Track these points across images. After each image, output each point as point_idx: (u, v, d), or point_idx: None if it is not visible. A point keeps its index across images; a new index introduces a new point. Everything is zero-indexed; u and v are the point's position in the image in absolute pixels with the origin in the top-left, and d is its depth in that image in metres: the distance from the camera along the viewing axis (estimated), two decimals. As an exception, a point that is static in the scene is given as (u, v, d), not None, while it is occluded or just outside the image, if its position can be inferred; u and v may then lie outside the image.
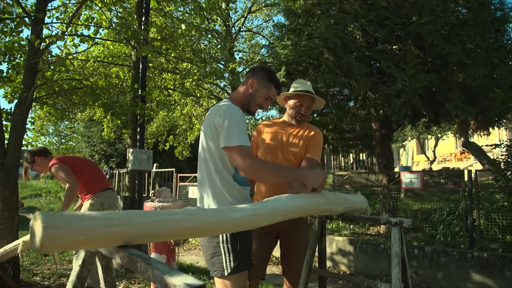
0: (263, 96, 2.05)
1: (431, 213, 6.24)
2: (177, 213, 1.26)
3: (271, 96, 2.07)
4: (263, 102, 2.06)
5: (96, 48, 6.63)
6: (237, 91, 2.10)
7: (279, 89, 2.10)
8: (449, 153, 24.57)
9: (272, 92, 2.07)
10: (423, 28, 5.54)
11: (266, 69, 2.10)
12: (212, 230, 1.37)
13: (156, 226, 1.16)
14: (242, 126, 1.85)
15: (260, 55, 10.44)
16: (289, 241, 2.45)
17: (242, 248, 1.84)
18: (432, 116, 7.17)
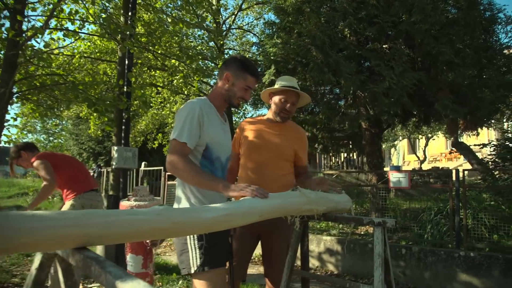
0: (241, 87, 1.97)
1: (419, 212, 6.22)
2: (141, 213, 1.18)
3: (250, 86, 1.98)
4: (243, 93, 1.98)
5: (82, 43, 6.50)
6: (216, 87, 2.04)
7: (256, 76, 2.01)
8: (439, 153, 24.72)
9: (249, 81, 1.98)
10: (413, 27, 5.51)
11: (238, 59, 2.02)
12: (180, 231, 1.29)
13: (116, 227, 1.08)
14: (186, 122, 1.82)
15: (251, 53, 10.37)
16: (270, 241, 2.38)
17: (209, 245, 1.80)
18: (422, 115, 7.17)
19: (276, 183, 2.33)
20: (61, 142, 13.93)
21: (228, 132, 2.09)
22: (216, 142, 1.93)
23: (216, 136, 1.93)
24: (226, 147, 2.04)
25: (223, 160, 2.00)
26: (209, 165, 1.92)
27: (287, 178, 2.43)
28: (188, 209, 1.35)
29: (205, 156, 1.92)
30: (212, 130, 1.90)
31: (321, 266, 5.30)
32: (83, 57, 6.49)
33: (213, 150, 1.93)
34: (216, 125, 1.94)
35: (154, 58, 6.35)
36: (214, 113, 1.97)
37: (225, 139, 2.02)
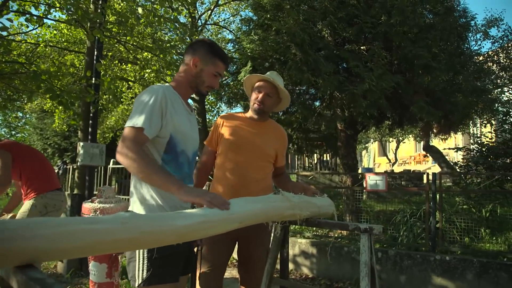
0: (210, 74, 1.78)
1: (393, 215, 6.23)
2: (102, 221, 0.99)
3: (220, 72, 1.80)
4: (212, 81, 1.80)
5: (47, 31, 6.12)
6: (179, 73, 1.83)
7: (226, 63, 1.84)
8: (408, 156, 25.34)
9: (219, 67, 1.80)
10: (392, 29, 5.48)
11: (207, 42, 1.83)
12: (150, 241, 1.11)
13: (70, 239, 0.89)
14: (146, 108, 1.58)
15: (227, 50, 10.16)
16: (248, 248, 2.22)
17: (160, 255, 1.54)
18: (397, 118, 7.20)
19: (256, 185, 2.17)
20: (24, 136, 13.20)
21: (195, 123, 1.89)
22: (181, 132, 1.71)
23: (181, 125, 1.70)
24: (193, 140, 1.82)
25: (189, 155, 1.78)
26: (173, 160, 1.69)
27: (267, 181, 2.29)
28: (159, 216, 1.16)
29: (168, 150, 1.68)
30: (177, 119, 1.68)
31: (296, 269, 5.18)
32: (49, 46, 6.11)
33: (178, 142, 1.70)
34: (181, 113, 1.73)
35: (126, 50, 6.06)
36: (179, 101, 1.76)
37: (191, 130, 1.80)
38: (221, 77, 1.84)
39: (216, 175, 2.27)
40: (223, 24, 12.91)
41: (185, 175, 1.75)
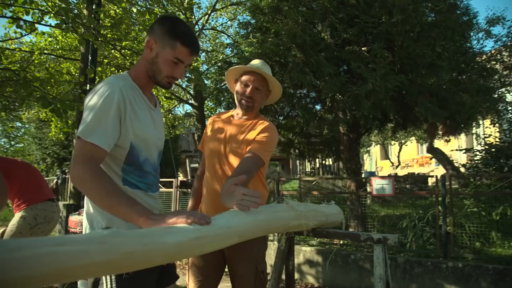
0: (168, 60, 1.40)
1: (399, 219, 6.04)
2: (75, 242, 0.82)
3: (181, 58, 1.40)
4: (171, 69, 1.42)
5: (42, 38, 5.99)
6: (139, 60, 1.51)
7: (190, 46, 1.41)
8: (411, 158, 25.12)
9: (180, 51, 1.40)
10: (393, 29, 5.34)
11: (168, 20, 1.45)
12: (134, 264, 0.93)
13: (36, 265, 0.73)
14: (99, 114, 1.30)
15: (225, 55, 10.06)
16: (234, 263, 1.92)
17: (131, 276, 1.28)
18: (400, 120, 7.04)
19: None
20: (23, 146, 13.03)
21: (159, 119, 1.58)
22: (143, 139, 1.43)
23: (143, 131, 1.42)
24: (157, 141, 1.53)
25: (154, 160, 1.52)
26: (136, 170, 1.43)
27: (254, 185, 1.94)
28: (146, 233, 0.98)
29: (129, 160, 1.41)
30: (138, 124, 1.39)
31: (301, 278, 4.99)
32: (44, 53, 5.98)
33: (141, 151, 1.43)
34: (143, 115, 1.43)
35: (122, 56, 5.92)
36: (140, 97, 1.45)
37: (154, 131, 1.51)
38: (185, 65, 1.44)
39: (204, 180, 2.06)
40: (220, 28, 12.82)
41: (151, 184, 1.51)
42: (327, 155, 10.24)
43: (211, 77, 9.72)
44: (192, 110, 11.16)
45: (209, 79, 10.04)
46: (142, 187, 1.45)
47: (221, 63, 8.63)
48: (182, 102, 11.42)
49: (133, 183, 1.43)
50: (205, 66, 11.19)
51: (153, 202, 1.51)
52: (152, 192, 1.51)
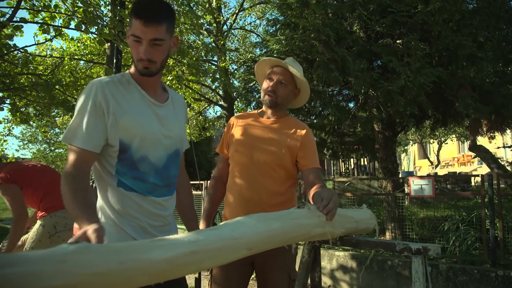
0: (130, 40, 1.27)
1: (440, 222, 5.67)
2: (28, 261, 0.66)
3: (135, 33, 1.24)
4: (136, 50, 1.27)
5: (71, 43, 6.07)
6: None
7: (140, 15, 1.23)
8: (451, 157, 24.03)
9: (134, 26, 1.24)
10: (430, 18, 4.99)
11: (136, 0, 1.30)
12: (109, 286, 0.77)
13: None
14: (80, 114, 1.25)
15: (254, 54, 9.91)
16: (266, 272, 1.82)
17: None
18: (440, 116, 6.62)
19: (272, 196, 1.79)
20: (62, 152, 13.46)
21: (170, 117, 1.44)
22: (136, 135, 1.31)
23: (135, 126, 1.30)
24: (162, 141, 1.39)
25: (155, 160, 1.37)
26: (130, 171, 1.32)
27: (286, 191, 1.85)
28: (123, 248, 0.82)
29: (122, 159, 1.30)
30: (127, 119, 1.29)
31: (334, 285, 4.73)
32: (73, 59, 6.06)
33: (134, 148, 1.31)
34: (136, 111, 1.32)
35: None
36: (136, 93, 1.35)
37: (158, 128, 1.38)
38: (142, 40, 1.25)
39: (228, 183, 1.93)
40: (249, 28, 12.70)
41: (152, 187, 1.37)
42: (361, 154, 9.87)
43: (240, 77, 9.63)
44: (222, 112, 11.10)
45: (237, 79, 9.94)
46: (139, 190, 1.33)
47: (249, 63, 8.50)
48: (211, 103, 11.39)
49: (128, 185, 1.32)
50: (234, 66, 11.11)
51: (154, 208, 1.37)
52: (156, 197, 1.37)
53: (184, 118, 1.58)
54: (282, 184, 1.82)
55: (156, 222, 1.38)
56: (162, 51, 1.31)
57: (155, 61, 1.30)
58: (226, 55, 8.36)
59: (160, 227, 1.40)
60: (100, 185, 1.35)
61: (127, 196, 1.31)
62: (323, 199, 1.35)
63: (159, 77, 1.41)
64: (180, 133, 1.49)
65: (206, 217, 1.94)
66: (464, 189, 9.52)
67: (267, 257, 1.70)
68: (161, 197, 1.39)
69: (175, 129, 1.46)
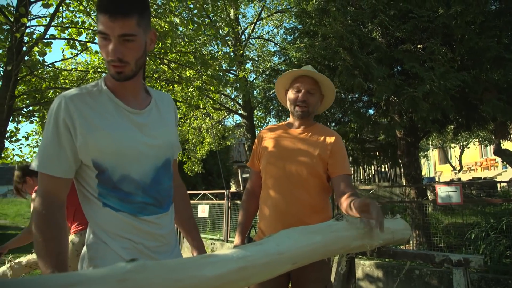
0: (99, 40, 1.13)
1: (466, 229, 5.52)
2: (90, 281, 0.68)
3: (102, 30, 1.08)
4: (105, 49, 1.11)
5: (95, 57, 6.22)
6: None
7: (104, 10, 1.07)
8: (474, 161, 23.47)
9: (100, 22, 1.09)
10: (452, 21, 4.92)
11: None
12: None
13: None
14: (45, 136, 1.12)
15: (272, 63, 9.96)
16: (302, 283, 1.81)
17: None
18: (463, 121, 6.50)
19: (307, 207, 1.79)
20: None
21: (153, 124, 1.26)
22: (110, 153, 1.14)
23: (110, 143, 1.14)
24: (146, 153, 1.21)
25: (139, 177, 1.19)
26: (112, 192, 1.17)
27: (321, 200, 1.85)
28: (178, 265, 0.82)
29: (101, 180, 1.16)
30: (97, 136, 1.12)
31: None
32: (98, 72, 6.19)
33: (111, 168, 1.15)
34: (108, 124, 1.15)
35: (170, 70, 5.99)
36: (107, 102, 1.18)
37: (138, 140, 1.20)
38: (110, 36, 1.09)
39: (261, 196, 1.94)
40: (267, 37, 12.79)
41: (142, 206, 1.20)
42: (382, 161, 9.76)
43: (259, 86, 9.67)
44: (242, 120, 11.15)
45: (257, 88, 9.99)
46: (128, 210, 1.18)
47: (268, 71, 8.54)
48: (231, 112, 11.48)
49: (114, 207, 1.18)
50: (253, 75, 11.19)
51: (147, 227, 1.21)
52: (148, 216, 1.21)
53: (173, 121, 1.40)
54: (316, 194, 1.83)
55: (152, 242, 1.22)
56: (135, 49, 1.13)
57: (127, 61, 1.13)
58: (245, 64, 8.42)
59: (158, 247, 1.25)
60: (85, 207, 1.21)
61: (115, 217, 1.17)
62: (371, 213, 1.34)
63: (137, 81, 1.24)
64: (168, 139, 1.30)
65: (242, 231, 1.96)
66: (490, 194, 9.29)
67: (304, 268, 1.68)
68: (154, 214, 1.23)
69: (162, 135, 1.27)
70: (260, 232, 1.91)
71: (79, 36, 4.35)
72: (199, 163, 11.63)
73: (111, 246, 1.16)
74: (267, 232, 1.82)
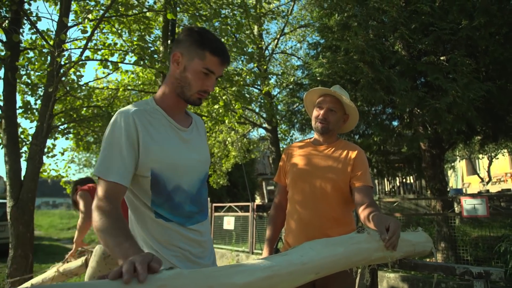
0: (198, 72, 1.29)
1: (495, 242, 5.40)
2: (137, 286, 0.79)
3: (211, 68, 1.28)
4: (201, 82, 1.30)
5: (125, 75, 6.51)
6: (165, 78, 1.40)
7: (219, 54, 1.30)
8: (503, 173, 22.69)
9: (210, 61, 1.28)
10: (475, 33, 4.92)
11: (195, 30, 1.32)
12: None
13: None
14: (111, 146, 1.21)
15: (296, 77, 10.09)
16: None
17: None
18: (490, 132, 6.40)
19: (330, 220, 1.87)
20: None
21: (195, 141, 1.43)
22: (167, 165, 1.28)
23: (166, 156, 1.28)
24: (193, 166, 1.37)
25: (188, 188, 1.34)
26: (166, 202, 1.29)
27: (344, 214, 1.93)
28: (211, 273, 0.92)
29: (155, 191, 1.27)
30: (158, 150, 1.26)
31: (386, 308, 4.64)
32: (127, 89, 6.47)
33: (167, 178, 1.28)
34: (165, 139, 1.30)
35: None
36: (162, 120, 1.33)
37: (187, 154, 1.35)
38: (216, 75, 1.32)
39: (288, 210, 2.03)
40: (290, 51, 12.96)
41: (189, 215, 1.35)
42: (407, 173, 9.64)
43: (283, 100, 9.79)
44: (266, 134, 11.27)
45: (280, 102, 10.12)
46: (177, 220, 1.31)
47: (292, 85, 8.66)
48: (256, 126, 11.63)
49: (166, 216, 1.30)
50: (277, 90, 11.34)
51: (193, 235, 1.35)
52: (193, 224, 1.35)
53: (206, 140, 1.56)
54: (339, 207, 1.90)
55: (197, 249, 1.35)
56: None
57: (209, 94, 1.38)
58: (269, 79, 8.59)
59: (200, 253, 1.37)
60: (137, 217, 1.31)
61: (167, 227, 1.29)
62: (388, 229, 1.41)
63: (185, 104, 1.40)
64: (206, 155, 1.48)
65: (270, 244, 2.06)
66: (521, 207, 9.00)
67: (329, 279, 1.72)
68: (197, 223, 1.37)
69: (202, 151, 1.44)
70: (286, 245, 1.99)
71: (111, 56, 4.59)
72: (225, 176, 11.81)
73: (163, 253, 1.27)
74: (293, 245, 1.90)
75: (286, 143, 12.96)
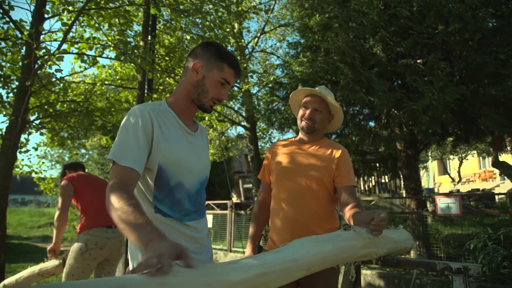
0: (216, 82, 1.44)
1: (465, 239, 5.61)
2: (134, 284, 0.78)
3: (227, 78, 1.46)
4: (218, 90, 1.46)
5: (103, 70, 6.37)
6: (180, 85, 1.52)
7: (235, 68, 1.48)
8: (472, 173, 23.56)
9: (227, 72, 1.45)
10: (451, 38, 5.08)
11: (213, 44, 1.50)
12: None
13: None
14: (129, 135, 1.30)
15: (275, 76, 10.13)
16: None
17: None
18: (462, 133, 6.63)
19: (315, 217, 1.90)
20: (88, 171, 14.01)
21: (199, 146, 1.55)
22: (173, 162, 1.38)
23: (173, 153, 1.38)
24: (195, 167, 1.47)
25: (189, 187, 1.44)
26: (167, 197, 1.38)
27: (328, 211, 1.98)
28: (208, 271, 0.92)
29: (159, 185, 1.37)
30: (166, 146, 1.36)
31: (362, 304, 4.74)
32: (104, 84, 6.33)
33: (171, 174, 1.38)
34: (174, 138, 1.41)
35: (176, 83, 6.14)
36: (173, 121, 1.44)
37: (191, 156, 1.46)
38: (230, 86, 1.50)
39: (272, 208, 2.05)
40: (270, 50, 12.98)
41: (186, 213, 1.43)
42: (383, 172, 9.87)
43: (262, 99, 9.81)
44: (245, 132, 11.29)
45: (260, 101, 10.14)
46: (176, 216, 1.39)
47: (272, 84, 8.69)
48: (234, 124, 11.62)
49: (165, 212, 1.37)
50: (256, 88, 11.36)
51: (190, 231, 1.43)
52: (190, 221, 1.44)
53: (208, 148, 1.69)
54: (323, 203, 1.94)
55: (193, 245, 1.42)
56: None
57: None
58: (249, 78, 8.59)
59: (197, 249, 1.45)
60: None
61: (164, 223, 1.36)
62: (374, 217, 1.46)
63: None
64: (208, 161, 1.60)
65: (253, 241, 2.09)
66: (488, 206, 9.39)
67: (313, 276, 1.77)
68: (194, 220, 1.46)
69: (204, 156, 1.57)
70: (271, 242, 2.01)
71: (89, 50, 4.49)
72: (202, 174, 11.67)
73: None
74: (278, 242, 1.92)
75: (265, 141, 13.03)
